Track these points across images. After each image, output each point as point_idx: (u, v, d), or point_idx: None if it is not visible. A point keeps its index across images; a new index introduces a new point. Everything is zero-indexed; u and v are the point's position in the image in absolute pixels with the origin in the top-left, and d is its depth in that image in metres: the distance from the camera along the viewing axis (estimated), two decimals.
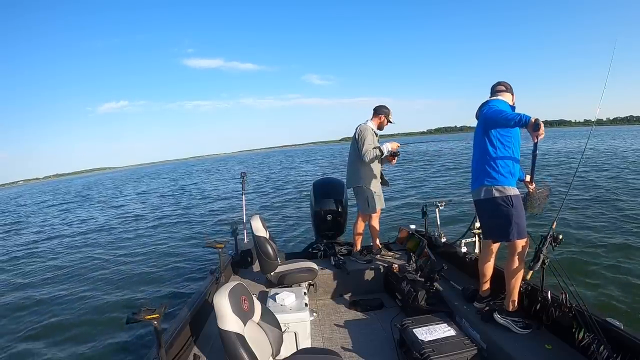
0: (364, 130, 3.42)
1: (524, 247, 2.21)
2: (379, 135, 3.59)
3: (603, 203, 8.36)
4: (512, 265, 2.22)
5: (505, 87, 2.40)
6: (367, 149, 3.33)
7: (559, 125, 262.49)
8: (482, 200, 2.30)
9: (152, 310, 1.59)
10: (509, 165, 2.24)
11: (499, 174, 2.22)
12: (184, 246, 8.07)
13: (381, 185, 3.62)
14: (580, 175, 11.70)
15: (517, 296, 2.27)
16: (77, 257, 8.31)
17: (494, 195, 2.21)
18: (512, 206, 2.18)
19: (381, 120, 3.56)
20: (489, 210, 2.28)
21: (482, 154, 2.30)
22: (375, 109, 3.60)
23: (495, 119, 2.14)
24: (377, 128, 3.56)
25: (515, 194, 2.23)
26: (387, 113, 3.56)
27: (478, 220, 3.03)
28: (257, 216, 3.25)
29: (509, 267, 2.24)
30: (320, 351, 2.02)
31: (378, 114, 3.56)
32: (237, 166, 45.66)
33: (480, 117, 2.33)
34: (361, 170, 3.46)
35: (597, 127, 32.82)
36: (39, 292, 6.14)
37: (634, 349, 1.67)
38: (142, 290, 5.59)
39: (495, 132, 2.22)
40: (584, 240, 5.89)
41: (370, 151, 3.34)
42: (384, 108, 3.57)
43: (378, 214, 3.61)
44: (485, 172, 2.26)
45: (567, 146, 28.19)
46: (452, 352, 2.10)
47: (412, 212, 8.57)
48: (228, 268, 3.53)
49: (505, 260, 2.28)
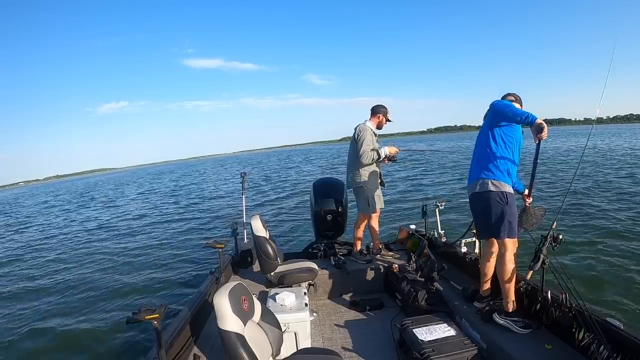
0: (363, 131, 3.42)
1: (513, 246, 2.20)
2: (378, 134, 3.60)
3: (603, 203, 8.36)
4: (503, 265, 2.21)
5: (514, 98, 2.43)
6: (364, 150, 3.35)
7: (559, 123, 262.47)
8: (477, 194, 2.29)
9: (152, 310, 1.59)
10: (507, 165, 2.25)
11: (496, 169, 2.23)
12: (184, 246, 8.07)
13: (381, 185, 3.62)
14: (581, 175, 11.71)
15: (514, 296, 2.26)
16: (77, 257, 8.32)
17: (490, 188, 2.21)
18: (507, 204, 2.18)
19: (380, 119, 3.57)
20: (483, 205, 2.26)
21: (482, 148, 2.32)
22: (372, 108, 3.60)
23: (504, 110, 2.15)
24: (376, 127, 3.57)
25: (510, 192, 2.23)
26: (385, 112, 3.57)
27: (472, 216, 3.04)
28: (257, 216, 3.26)
29: (501, 268, 2.23)
30: (320, 351, 2.02)
31: (376, 113, 3.57)
32: (237, 166, 45.69)
33: (490, 109, 2.33)
34: (361, 170, 3.47)
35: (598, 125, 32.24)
36: (39, 292, 6.14)
37: (634, 349, 1.67)
38: (142, 290, 5.59)
39: (499, 130, 2.24)
40: (584, 240, 5.89)
41: (367, 152, 3.35)
42: (381, 107, 3.58)
43: (378, 214, 3.62)
44: (483, 165, 2.27)
45: (567, 144, 28.21)
46: (452, 352, 2.10)
47: (412, 212, 8.57)
48: (228, 268, 3.54)
49: (497, 262, 2.28)
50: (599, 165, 14.59)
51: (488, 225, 2.27)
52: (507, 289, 2.23)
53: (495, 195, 2.20)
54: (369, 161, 3.38)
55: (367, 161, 3.37)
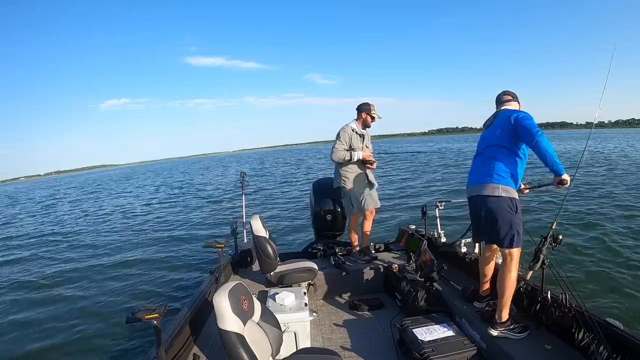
0: (340, 131, 3.44)
1: (518, 255, 2.12)
2: (364, 133, 3.49)
3: (603, 203, 8.36)
4: (508, 273, 2.11)
5: (511, 97, 2.38)
6: (334, 147, 3.40)
7: (560, 127, 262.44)
8: (483, 196, 2.17)
9: (152, 310, 1.59)
10: (519, 174, 2.20)
11: (508, 175, 2.15)
12: (183, 246, 8.07)
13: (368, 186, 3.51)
14: (581, 175, 11.71)
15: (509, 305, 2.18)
16: (76, 256, 8.30)
17: (500, 194, 2.11)
18: (516, 212, 2.11)
19: (364, 117, 3.48)
20: (489, 209, 2.14)
21: (495, 151, 2.21)
22: (357, 108, 3.54)
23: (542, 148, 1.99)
24: (362, 127, 3.50)
25: (518, 200, 2.16)
26: (369, 109, 3.46)
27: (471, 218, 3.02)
28: (256, 216, 3.25)
29: (503, 276, 2.12)
30: (320, 351, 2.02)
31: (359, 112, 3.50)
32: (237, 165, 45.69)
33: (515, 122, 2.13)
34: (341, 171, 3.46)
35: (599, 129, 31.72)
36: (38, 292, 6.13)
37: (634, 349, 1.67)
38: (142, 290, 5.59)
39: (519, 141, 2.16)
40: (584, 241, 5.89)
41: (337, 151, 3.38)
42: (364, 105, 3.49)
43: (370, 215, 3.57)
44: (495, 169, 2.16)
45: (568, 147, 28.20)
46: (452, 352, 2.10)
47: (412, 212, 8.57)
48: (228, 268, 3.53)
49: (500, 270, 2.17)
50: (599, 167, 14.60)
51: (491, 232, 2.17)
52: (506, 298, 2.14)
53: (504, 203, 2.11)
54: (337, 159, 3.41)
55: (335, 158, 3.41)
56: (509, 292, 2.13)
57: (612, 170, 13.57)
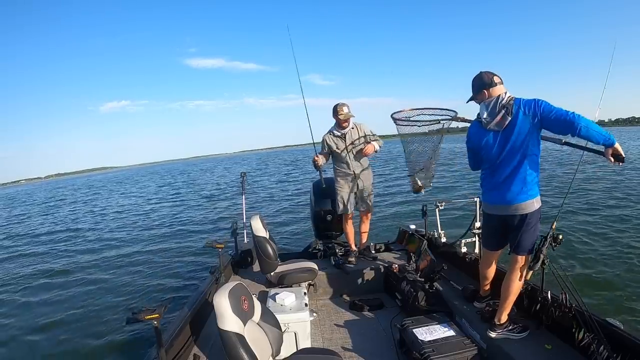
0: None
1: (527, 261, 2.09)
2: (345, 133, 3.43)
3: (603, 203, 8.35)
4: (513, 278, 2.08)
5: (500, 80, 2.06)
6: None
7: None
8: (521, 215, 2.00)
9: (152, 310, 1.59)
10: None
11: (536, 184, 2.02)
12: (184, 246, 8.07)
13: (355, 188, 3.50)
14: (581, 175, 11.70)
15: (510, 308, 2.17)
16: (76, 256, 8.32)
17: (535, 207, 2.00)
18: (539, 220, 2.06)
19: (336, 119, 3.44)
20: (526, 223, 2.00)
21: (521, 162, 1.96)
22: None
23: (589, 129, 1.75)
24: (340, 128, 3.44)
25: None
26: (336, 111, 3.38)
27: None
28: (257, 216, 3.25)
29: (511, 281, 2.09)
30: (320, 351, 2.03)
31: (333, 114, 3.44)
32: (238, 166, 45.69)
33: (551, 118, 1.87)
34: (334, 171, 3.58)
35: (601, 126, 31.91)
36: (38, 292, 6.14)
37: (634, 349, 1.67)
38: (142, 290, 5.59)
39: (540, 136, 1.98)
40: (584, 241, 5.89)
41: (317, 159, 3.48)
42: (334, 108, 3.42)
43: (365, 216, 3.66)
44: (526, 183, 1.97)
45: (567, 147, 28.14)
46: (452, 352, 2.10)
47: (412, 212, 8.57)
48: (228, 268, 3.54)
49: (507, 274, 2.13)
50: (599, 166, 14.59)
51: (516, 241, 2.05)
52: (509, 301, 2.12)
53: (537, 214, 2.01)
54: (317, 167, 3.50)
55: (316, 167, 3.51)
56: (513, 295, 2.11)
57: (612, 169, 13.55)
